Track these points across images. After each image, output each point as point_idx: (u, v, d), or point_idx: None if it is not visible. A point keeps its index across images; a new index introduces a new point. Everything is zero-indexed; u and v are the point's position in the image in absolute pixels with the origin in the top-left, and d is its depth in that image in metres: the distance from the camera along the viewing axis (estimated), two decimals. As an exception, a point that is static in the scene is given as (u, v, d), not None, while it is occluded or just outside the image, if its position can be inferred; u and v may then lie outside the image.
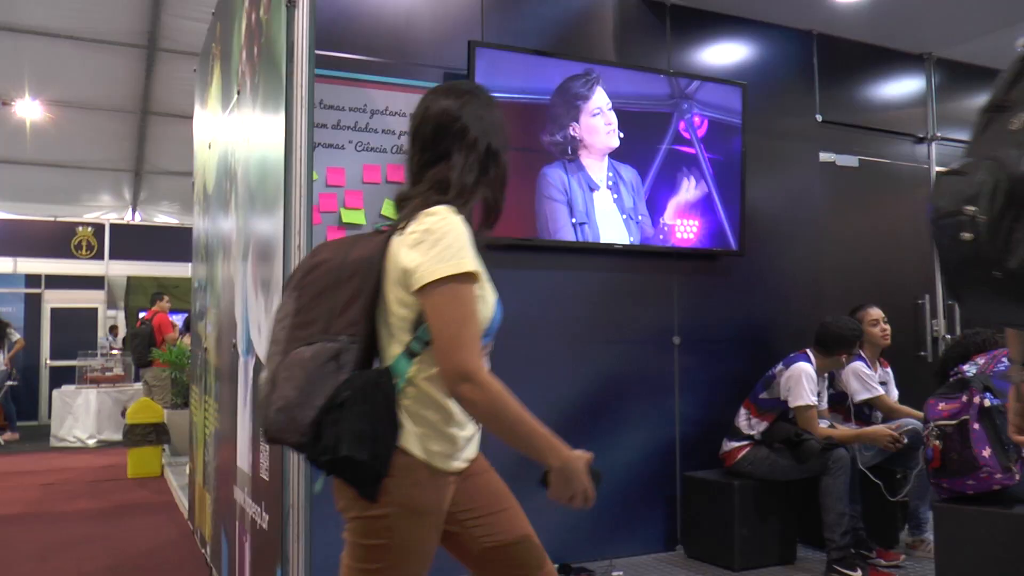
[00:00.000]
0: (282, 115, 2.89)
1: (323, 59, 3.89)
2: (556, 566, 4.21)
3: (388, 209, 4.06)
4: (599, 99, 4.55)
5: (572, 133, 4.46)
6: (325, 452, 1.74)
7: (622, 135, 4.59)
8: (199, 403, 5.41)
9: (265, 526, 3.08)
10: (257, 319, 3.33)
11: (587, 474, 1.95)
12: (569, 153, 4.45)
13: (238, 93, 3.97)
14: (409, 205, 1.90)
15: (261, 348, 3.24)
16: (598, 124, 4.54)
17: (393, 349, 1.84)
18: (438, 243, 1.79)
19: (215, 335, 4.62)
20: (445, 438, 1.88)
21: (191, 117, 6.24)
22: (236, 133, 4.05)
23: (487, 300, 1.92)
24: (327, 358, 1.78)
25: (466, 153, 1.95)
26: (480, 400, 1.75)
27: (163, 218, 13.76)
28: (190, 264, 6.34)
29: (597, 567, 4.31)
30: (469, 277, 1.81)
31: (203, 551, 4.82)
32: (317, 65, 3.28)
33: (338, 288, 1.85)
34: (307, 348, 1.79)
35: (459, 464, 1.94)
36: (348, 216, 3.99)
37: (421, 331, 1.80)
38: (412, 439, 1.82)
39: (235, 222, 3.98)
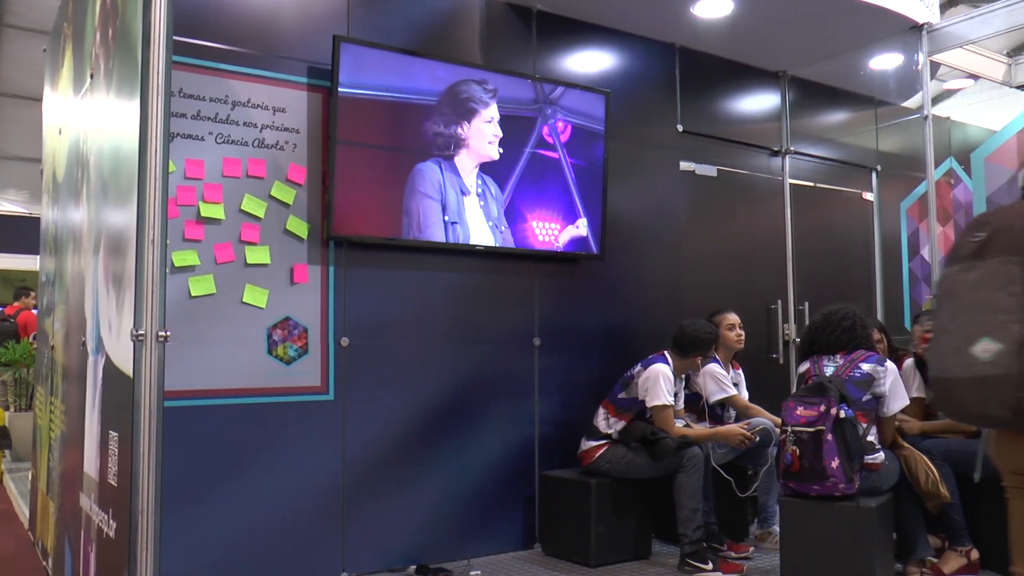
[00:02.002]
0: (137, 102, 2.78)
1: (183, 46, 3.77)
2: (413, 567, 4.23)
3: (248, 204, 3.97)
4: (494, 111, 4.63)
5: (459, 132, 4.49)
6: None
7: (501, 149, 4.65)
8: (44, 405, 5.13)
9: (112, 534, 2.96)
10: (108, 315, 3.20)
11: None
12: (451, 149, 4.48)
13: (91, 77, 3.80)
14: None
15: (111, 346, 3.11)
16: (487, 131, 4.61)
17: None
18: None
19: (63, 332, 4.41)
20: None
21: (40, 100, 5.93)
22: (89, 119, 3.87)
23: None
24: None
25: None
26: None
27: (8, 207, 12.99)
28: (38, 257, 6.01)
29: (455, 567, 4.33)
30: None
31: (44, 563, 4.57)
32: (177, 52, 3.18)
33: None
34: None
35: None
36: (207, 210, 3.87)
37: None
38: None
39: (86, 213, 3.81)
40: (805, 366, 4.16)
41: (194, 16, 3.87)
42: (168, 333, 2.67)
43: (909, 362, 4.57)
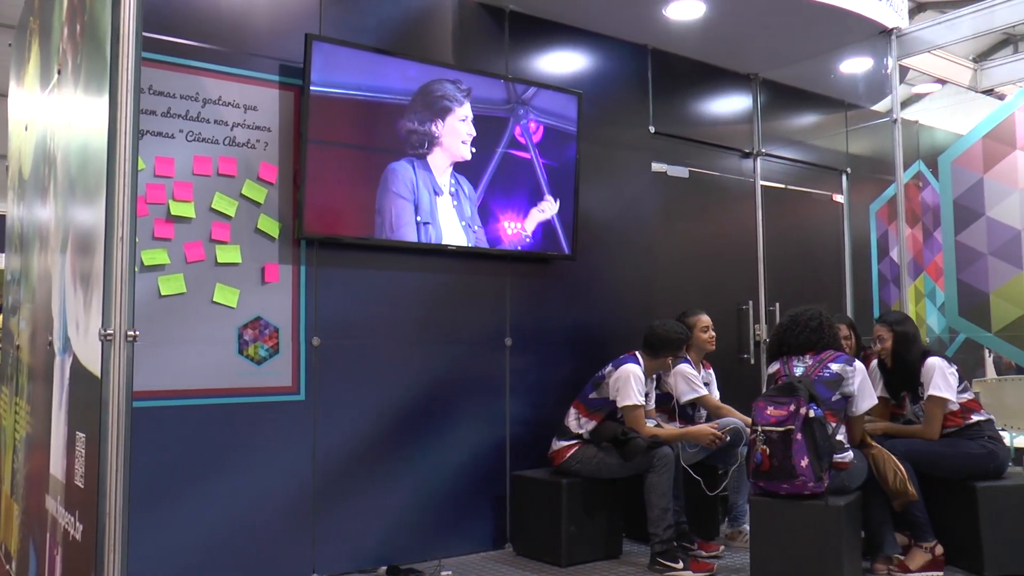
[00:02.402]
0: (106, 99, 2.75)
1: (153, 42, 3.74)
2: (384, 568, 4.21)
3: (219, 202, 3.94)
4: (467, 110, 4.64)
5: (433, 129, 4.48)
6: None
7: (474, 149, 4.65)
8: (9, 406, 5.06)
9: (79, 536, 2.92)
10: (75, 315, 3.16)
11: None
12: (425, 147, 4.47)
13: (59, 72, 3.75)
14: None
15: (79, 345, 3.08)
16: (460, 130, 4.62)
17: None
18: None
19: (29, 332, 4.35)
20: None
21: (6, 95, 5.84)
22: (56, 115, 3.81)
23: None
24: None
25: None
26: None
27: (-28, 204, 12.75)
28: (2, 255, 5.93)
29: (426, 567, 4.32)
30: None
31: (8, 567, 4.51)
32: (146, 48, 3.14)
33: None
34: None
35: None
36: (177, 208, 3.84)
37: None
38: None
39: (53, 211, 3.76)
40: (775, 367, 4.20)
41: (164, 12, 3.84)
42: (137, 333, 2.64)
43: (875, 363, 4.62)
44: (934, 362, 4.31)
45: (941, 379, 4.25)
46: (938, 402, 4.24)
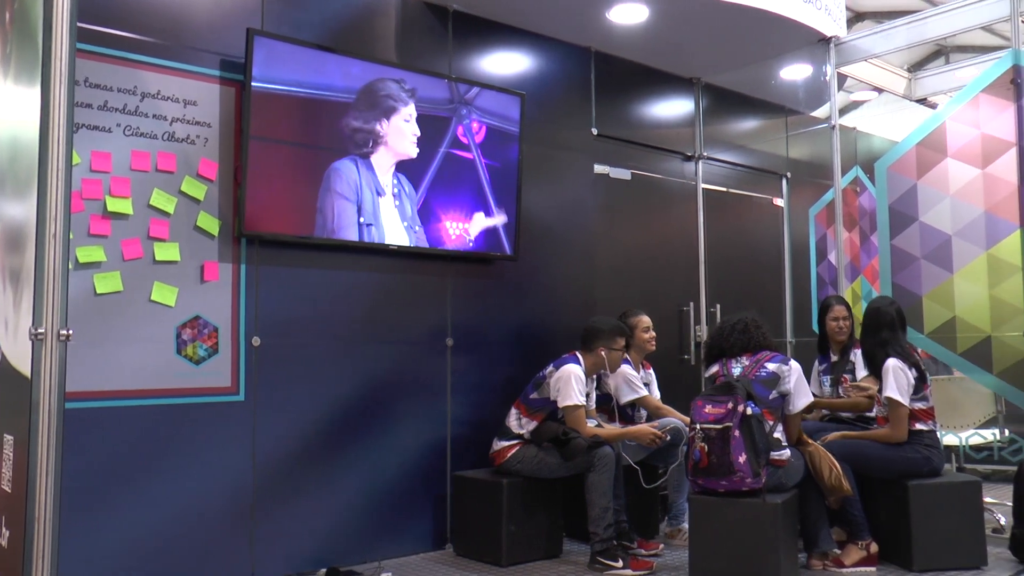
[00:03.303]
0: (38, 90, 2.67)
1: (88, 33, 3.66)
2: (323, 571, 4.17)
3: (157, 199, 3.86)
4: (412, 109, 4.63)
5: (377, 128, 4.45)
6: None
7: (417, 148, 4.63)
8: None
9: (5, 543, 2.84)
10: (4, 313, 3.07)
11: None
12: (369, 146, 4.44)
13: (-12, 63, 3.64)
14: None
15: (8, 345, 2.99)
16: (405, 129, 4.60)
17: None
18: None
19: (-46, 329, 4.20)
20: None
21: (-68, 87, 5.65)
22: (-16, 107, 3.70)
23: None
24: None
25: None
26: None
27: None
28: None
29: (366, 569, 4.29)
30: None
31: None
32: (82, 40, 3.07)
33: None
34: None
35: None
36: (114, 204, 3.75)
37: None
38: None
39: (-19, 205, 3.64)
40: (714, 368, 4.27)
41: (100, 2, 3.75)
42: (70, 332, 2.58)
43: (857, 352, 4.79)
44: (889, 364, 4.34)
45: (895, 381, 4.29)
46: (895, 404, 4.31)
